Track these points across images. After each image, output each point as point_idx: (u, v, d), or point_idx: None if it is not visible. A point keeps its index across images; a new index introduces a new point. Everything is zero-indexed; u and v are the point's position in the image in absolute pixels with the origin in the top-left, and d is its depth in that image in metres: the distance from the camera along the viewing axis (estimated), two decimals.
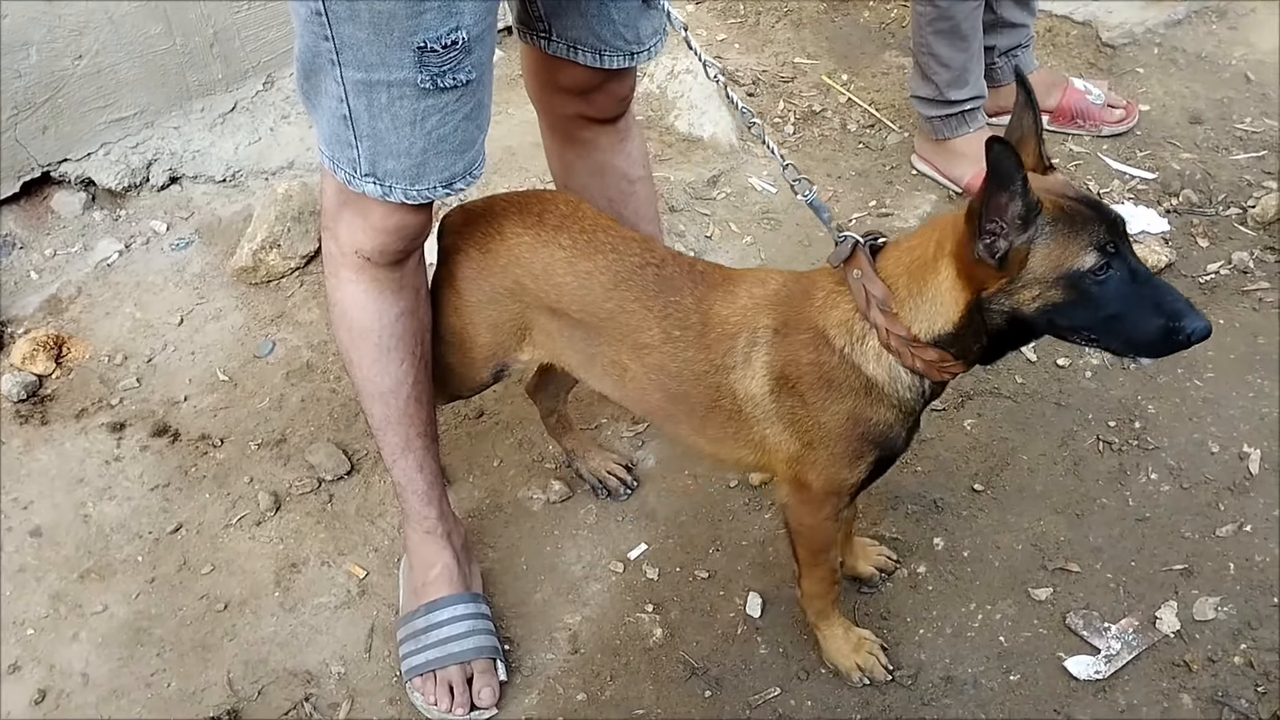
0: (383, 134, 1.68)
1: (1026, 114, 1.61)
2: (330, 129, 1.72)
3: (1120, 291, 1.54)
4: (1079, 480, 2.33)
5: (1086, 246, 1.52)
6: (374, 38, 1.57)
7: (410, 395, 2.03)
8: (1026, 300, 1.56)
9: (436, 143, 1.70)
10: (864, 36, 3.69)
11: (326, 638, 2.17)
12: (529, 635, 2.16)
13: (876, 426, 1.73)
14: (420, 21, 1.56)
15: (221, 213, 3.13)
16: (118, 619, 2.22)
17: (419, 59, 1.59)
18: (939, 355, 1.64)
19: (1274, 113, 3.18)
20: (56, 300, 2.90)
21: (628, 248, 1.87)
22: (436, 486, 2.13)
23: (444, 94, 1.65)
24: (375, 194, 1.74)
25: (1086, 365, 2.56)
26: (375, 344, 1.96)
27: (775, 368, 1.75)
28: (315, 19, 1.59)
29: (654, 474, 2.42)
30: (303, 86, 1.73)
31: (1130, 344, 1.60)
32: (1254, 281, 2.70)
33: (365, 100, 1.64)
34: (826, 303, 1.71)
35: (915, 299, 1.62)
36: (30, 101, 2.94)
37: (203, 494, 2.43)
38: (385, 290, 1.91)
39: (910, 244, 1.67)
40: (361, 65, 1.61)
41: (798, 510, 1.88)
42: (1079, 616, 2.10)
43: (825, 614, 2.03)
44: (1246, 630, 2.06)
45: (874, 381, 1.69)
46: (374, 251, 1.85)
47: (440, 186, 1.75)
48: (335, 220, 1.87)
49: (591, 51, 1.95)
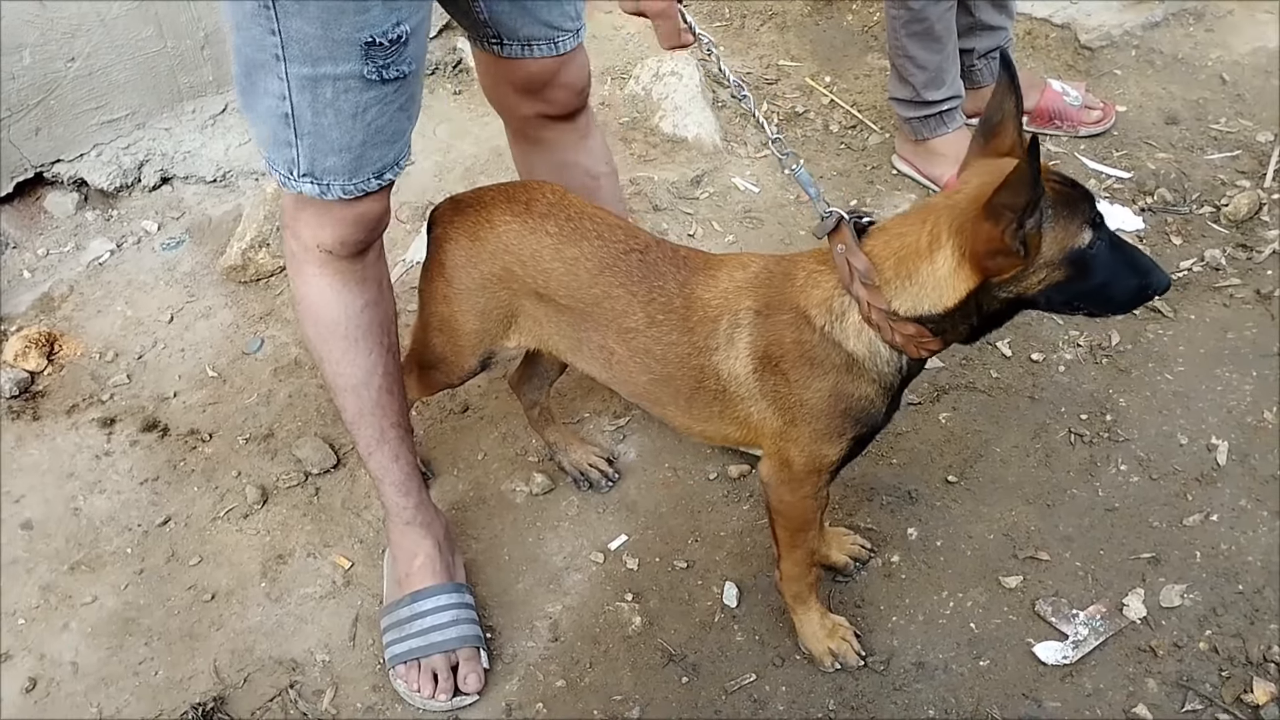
0: (325, 130, 1.71)
1: (1009, 97, 1.65)
2: (269, 129, 1.75)
3: (1106, 260, 1.63)
4: (1050, 471, 2.38)
5: (1083, 224, 1.60)
6: (322, 32, 1.61)
7: (381, 386, 2.06)
8: (1034, 284, 1.62)
9: (374, 134, 1.75)
10: (847, 39, 3.74)
11: (312, 627, 2.22)
12: (510, 624, 2.21)
13: (858, 402, 1.77)
14: (367, 18, 1.61)
15: (212, 212, 3.18)
16: (107, 609, 2.26)
17: (365, 53, 1.64)
18: (917, 330, 1.68)
19: (1248, 113, 3.23)
20: (49, 298, 2.94)
21: (612, 234, 1.92)
22: (414, 477, 2.17)
23: (385, 85, 1.70)
24: (312, 193, 1.78)
25: (1060, 360, 2.60)
26: (343, 336, 2.00)
27: (758, 348, 1.80)
28: (262, 13, 1.61)
29: (635, 466, 2.47)
30: (241, 86, 1.75)
31: (1111, 304, 1.71)
32: (1225, 278, 2.75)
33: (309, 95, 1.68)
34: (808, 283, 1.76)
35: (903, 281, 1.66)
36: (24, 103, 2.98)
37: (191, 487, 2.47)
38: (349, 282, 1.96)
39: (900, 230, 1.69)
40: (308, 59, 1.64)
41: (779, 488, 1.92)
42: (1048, 604, 2.14)
43: (802, 598, 2.07)
44: (1211, 617, 2.10)
45: (854, 357, 1.73)
46: (335, 244, 1.89)
47: (373, 178, 1.81)
48: (295, 218, 1.91)
49: (545, 42, 2.02)
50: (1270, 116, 3.20)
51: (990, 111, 1.67)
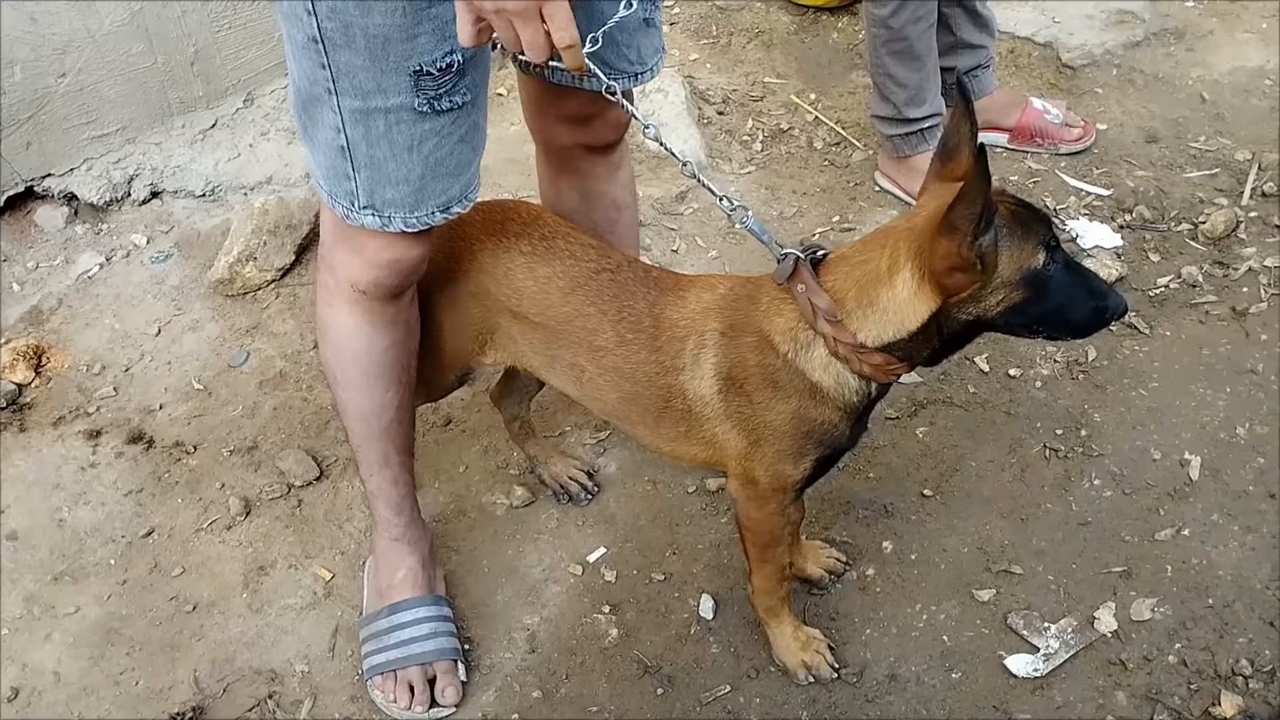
0: (380, 162, 1.68)
1: (964, 123, 1.67)
2: (328, 161, 1.73)
3: (1062, 282, 1.65)
4: (1025, 486, 2.40)
5: (1038, 245, 1.62)
6: (370, 64, 1.58)
7: (393, 418, 2.07)
8: (992, 305, 1.64)
9: (434, 166, 1.70)
10: (832, 57, 3.78)
11: (291, 638, 2.24)
12: (488, 635, 2.23)
13: (820, 426, 1.80)
14: (415, 45, 1.57)
15: (201, 226, 3.21)
16: (89, 620, 2.28)
17: (415, 83, 1.60)
18: (885, 360, 1.70)
19: (1227, 132, 3.27)
20: (38, 311, 2.97)
21: (584, 253, 1.94)
22: (409, 498, 2.19)
23: (440, 117, 1.65)
24: (374, 225, 1.75)
25: (1037, 375, 2.63)
26: (363, 371, 2.00)
27: (723, 369, 1.82)
28: (311, 46, 1.59)
29: (614, 479, 2.49)
30: (300, 120, 1.74)
31: (1069, 327, 1.73)
32: (1201, 295, 2.78)
33: (363, 129, 1.65)
34: (770, 309, 1.78)
35: (865, 309, 1.68)
36: (14, 118, 3.01)
37: (175, 499, 2.50)
38: (377, 323, 1.94)
39: (859, 257, 1.71)
40: (358, 93, 1.61)
41: (746, 505, 1.95)
42: (1020, 617, 2.16)
43: (775, 611, 2.09)
44: (1181, 630, 2.13)
45: (819, 386, 1.75)
46: (369, 285, 1.86)
47: (438, 211, 1.76)
48: (331, 254, 1.90)
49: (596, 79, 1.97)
50: (1249, 135, 3.24)
51: (947, 136, 1.69)
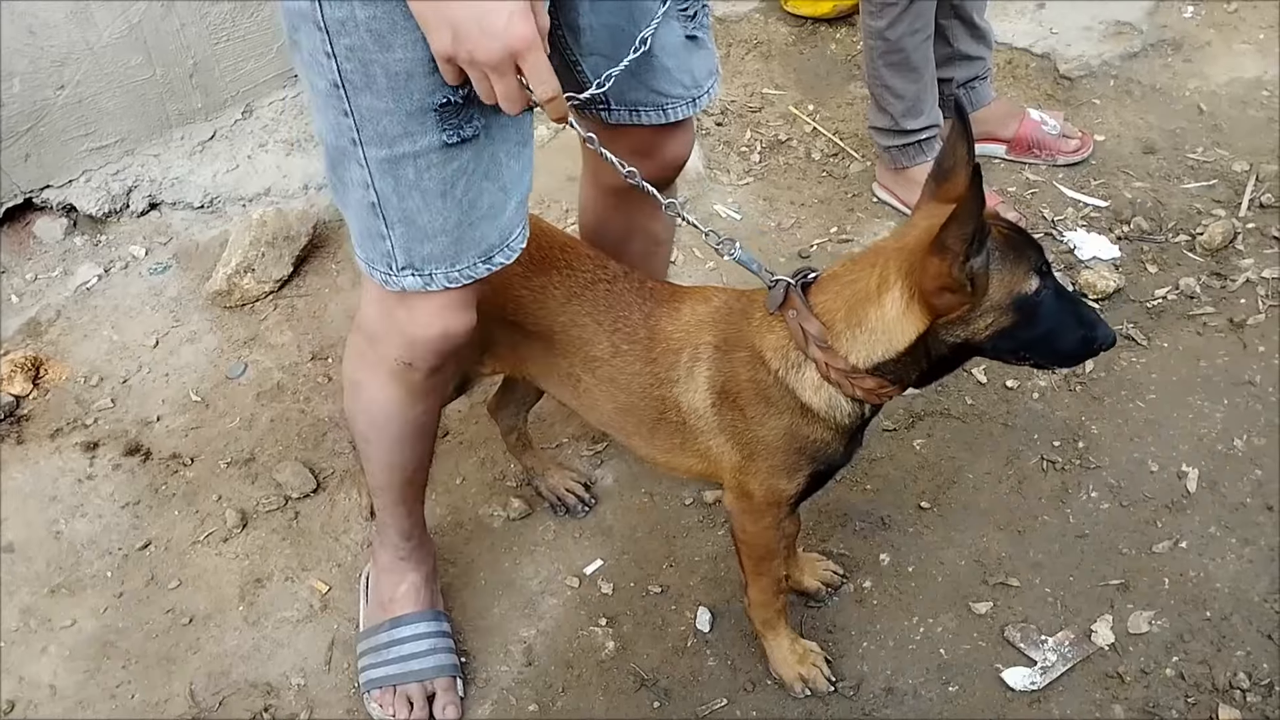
0: (414, 214, 1.61)
1: (961, 144, 1.66)
2: (361, 224, 1.66)
3: (1051, 309, 1.65)
4: (1022, 498, 2.40)
5: (1029, 270, 1.62)
6: (393, 105, 1.51)
7: (417, 467, 2.07)
8: (981, 328, 1.64)
9: (468, 210, 1.63)
10: (831, 68, 3.78)
11: (288, 651, 2.24)
12: (485, 648, 2.23)
13: (813, 444, 1.79)
14: (437, 79, 1.50)
15: (199, 238, 3.21)
16: (85, 633, 2.28)
17: (440, 119, 1.53)
18: (877, 383, 1.70)
19: (1225, 143, 3.27)
20: (36, 323, 2.97)
21: (581, 264, 1.93)
22: (419, 525, 2.19)
23: (465, 149, 1.57)
24: (416, 286, 1.67)
25: (1034, 387, 2.63)
26: (395, 437, 1.98)
27: (716, 383, 1.82)
28: (333, 93, 1.52)
29: (612, 492, 2.49)
30: (331, 180, 1.68)
31: (1056, 355, 1.74)
32: (1199, 306, 2.77)
33: (392, 180, 1.58)
34: (763, 324, 1.78)
35: (854, 329, 1.67)
36: (13, 130, 3.02)
37: (172, 511, 2.50)
38: (415, 395, 1.89)
39: (849, 276, 1.71)
40: (383, 140, 1.55)
41: (741, 518, 1.94)
42: (1017, 629, 2.16)
43: (771, 624, 2.09)
44: (1179, 643, 2.12)
45: (810, 407, 1.75)
46: (417, 359, 1.81)
47: (479, 262, 1.68)
48: (374, 328, 1.83)
49: (654, 109, 1.88)
50: (1246, 146, 3.24)
51: (943, 157, 1.68)
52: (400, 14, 1.45)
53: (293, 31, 1.54)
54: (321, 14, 1.47)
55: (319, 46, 1.50)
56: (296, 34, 1.53)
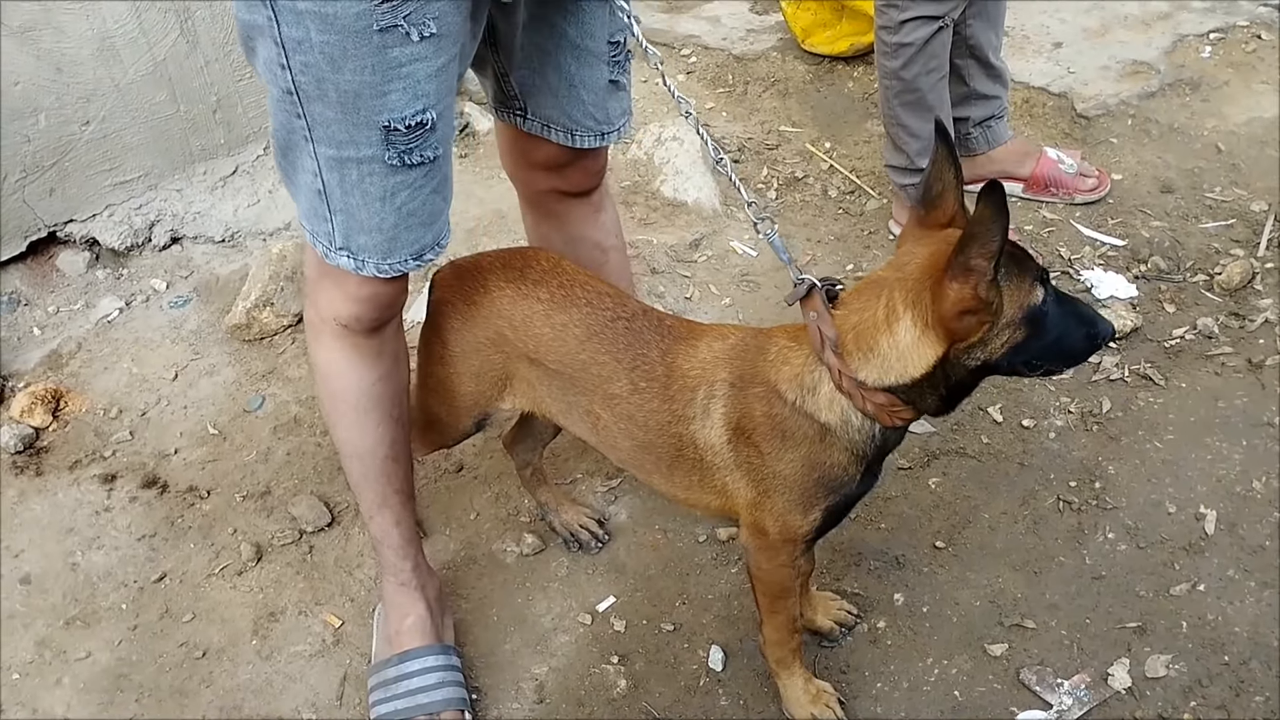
0: (354, 209, 1.74)
1: (948, 167, 1.67)
2: (308, 203, 1.79)
3: (1056, 315, 1.67)
4: (1038, 539, 2.38)
5: (1034, 282, 1.63)
6: (341, 116, 1.64)
7: (387, 455, 2.10)
8: (997, 347, 1.64)
9: (406, 217, 1.77)
10: (847, 106, 3.80)
11: (300, 685, 2.23)
12: (497, 685, 2.22)
13: (830, 470, 1.79)
14: (385, 102, 1.63)
15: (219, 271, 3.24)
16: (100, 665, 2.29)
17: (385, 138, 1.66)
18: (888, 400, 1.69)
19: (1243, 183, 3.26)
20: (57, 355, 3.00)
21: (601, 302, 1.95)
22: (413, 542, 2.20)
23: (412, 170, 1.72)
24: (349, 267, 1.81)
25: (1050, 426, 2.62)
26: (353, 406, 2.04)
27: (732, 419, 1.82)
28: (287, 98, 1.65)
29: (625, 528, 2.49)
30: (280, 164, 1.81)
31: (1066, 358, 1.75)
32: (1217, 346, 2.76)
33: (337, 176, 1.71)
34: (778, 358, 1.78)
35: (865, 354, 1.67)
36: (38, 165, 3.06)
37: (188, 544, 2.51)
38: (364, 356, 1.99)
39: (856, 304, 1.71)
40: (332, 142, 1.67)
41: (756, 556, 1.94)
42: (1032, 672, 2.14)
43: (786, 663, 2.07)
44: (1197, 688, 2.10)
45: (826, 426, 1.74)
46: (351, 319, 1.92)
47: (411, 259, 1.82)
48: (315, 289, 1.95)
49: (563, 131, 2.03)
50: (1265, 186, 3.24)
51: (930, 183, 1.68)
52: (351, 43, 1.57)
53: (248, 40, 1.67)
54: (279, 32, 1.59)
55: (274, 58, 1.63)
56: (253, 43, 1.67)
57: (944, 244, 1.59)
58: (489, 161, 3.51)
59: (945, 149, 1.66)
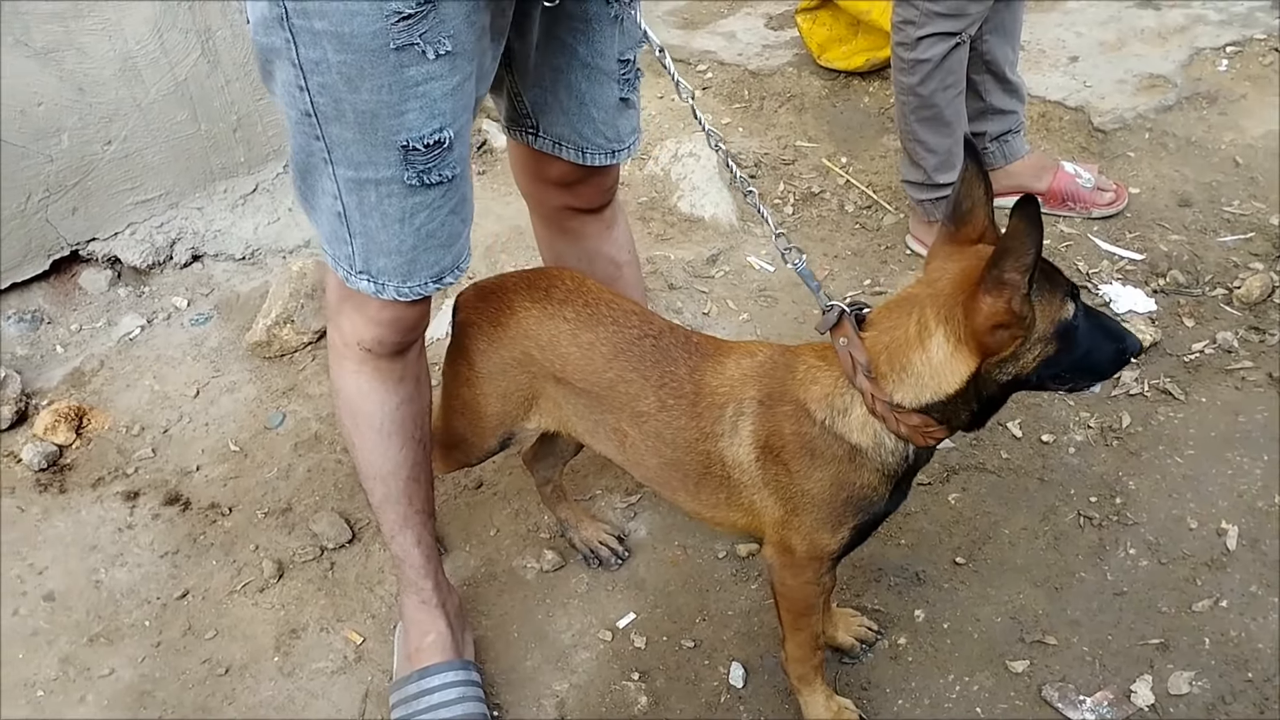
0: (374, 231, 1.75)
1: (978, 184, 1.67)
2: (329, 227, 1.80)
3: (1086, 330, 1.67)
4: (1059, 554, 2.38)
5: (1065, 297, 1.64)
6: (359, 136, 1.65)
7: (409, 476, 2.11)
8: (1029, 362, 1.64)
9: (425, 238, 1.78)
10: (864, 121, 3.81)
11: (322, 702, 2.24)
12: (517, 702, 2.22)
13: (860, 490, 1.79)
14: (402, 121, 1.65)
15: (240, 289, 3.27)
16: (123, 682, 2.30)
17: (404, 158, 1.67)
18: (923, 420, 1.70)
19: (1261, 196, 3.26)
20: (80, 373, 3.03)
21: (627, 320, 1.96)
22: (433, 559, 2.21)
23: (430, 190, 1.73)
24: (370, 291, 1.82)
25: (1070, 441, 2.61)
26: (376, 430, 2.05)
27: (760, 437, 1.83)
28: (305, 120, 1.67)
29: (645, 544, 2.49)
30: (300, 189, 1.81)
31: (1094, 373, 1.74)
32: (1237, 360, 2.75)
33: (356, 198, 1.72)
34: (806, 377, 1.78)
35: (899, 373, 1.67)
36: (61, 184, 3.09)
37: (210, 561, 2.52)
38: (386, 380, 2.00)
39: (887, 323, 1.71)
40: (351, 163, 1.69)
41: (782, 573, 1.94)
42: (1054, 689, 2.13)
43: (808, 679, 2.07)
44: (1220, 705, 2.09)
45: (858, 448, 1.74)
46: (374, 343, 1.93)
47: (430, 282, 1.83)
48: (337, 313, 1.96)
49: (575, 148, 2.05)
50: None
51: (959, 199, 1.68)
52: (368, 62, 1.59)
53: (266, 64, 1.68)
54: (297, 54, 1.61)
55: (292, 81, 1.64)
56: (270, 67, 1.68)
57: (975, 259, 1.60)
58: (507, 178, 3.53)
59: (975, 165, 1.66)
